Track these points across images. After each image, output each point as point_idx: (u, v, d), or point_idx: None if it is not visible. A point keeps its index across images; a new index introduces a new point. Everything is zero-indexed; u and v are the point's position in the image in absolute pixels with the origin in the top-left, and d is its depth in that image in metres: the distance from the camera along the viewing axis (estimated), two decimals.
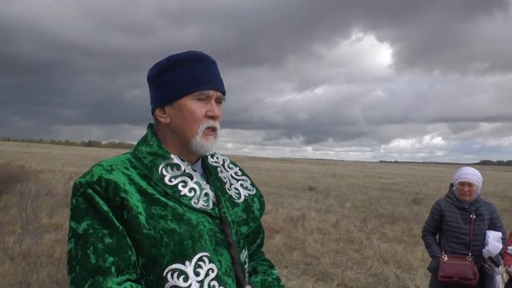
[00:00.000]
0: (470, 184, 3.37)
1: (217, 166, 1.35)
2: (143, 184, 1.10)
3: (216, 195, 1.22)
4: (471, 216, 3.37)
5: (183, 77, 1.17)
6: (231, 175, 1.37)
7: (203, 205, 1.14)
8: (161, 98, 1.20)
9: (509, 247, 3.26)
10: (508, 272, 3.17)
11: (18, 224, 6.77)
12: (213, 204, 1.18)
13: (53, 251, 5.76)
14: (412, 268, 6.23)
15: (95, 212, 1.03)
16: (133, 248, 1.05)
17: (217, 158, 1.39)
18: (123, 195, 1.05)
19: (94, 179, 1.06)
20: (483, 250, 3.27)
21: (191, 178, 1.17)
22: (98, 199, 1.04)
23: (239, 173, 1.42)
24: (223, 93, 1.24)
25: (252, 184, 1.41)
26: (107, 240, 1.02)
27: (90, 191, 1.04)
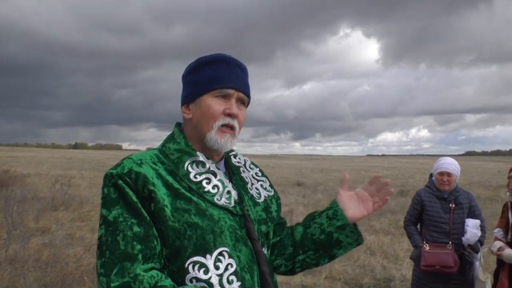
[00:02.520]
0: (449, 174, 3.46)
1: (240, 166, 1.40)
2: (170, 179, 1.15)
3: (239, 194, 1.26)
4: (451, 205, 3.46)
5: (206, 75, 1.24)
6: (252, 175, 1.41)
7: (225, 202, 1.19)
8: (186, 96, 1.28)
9: (495, 231, 3.36)
10: (492, 252, 3.25)
11: (4, 229, 6.70)
12: (235, 202, 1.22)
13: (40, 255, 5.73)
14: (398, 258, 6.35)
15: (125, 202, 1.09)
16: (158, 239, 1.09)
17: (239, 158, 1.44)
18: (151, 187, 1.10)
19: (125, 171, 1.12)
20: (463, 238, 3.37)
21: (215, 175, 1.22)
22: (128, 189, 1.09)
23: (259, 174, 1.46)
24: (247, 96, 1.29)
25: (271, 186, 1.45)
26: (136, 228, 1.06)
27: (120, 182, 1.10)
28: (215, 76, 1.23)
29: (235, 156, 1.44)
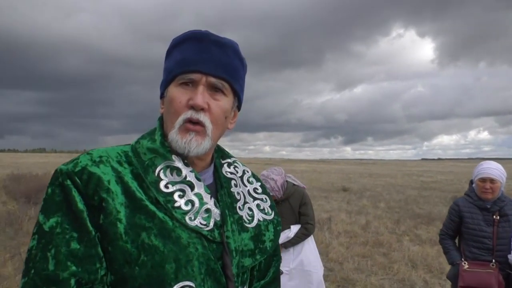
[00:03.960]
0: (492, 180, 2.98)
1: (232, 179, 1.12)
2: (133, 185, 0.91)
3: (222, 214, 1.00)
4: (494, 217, 2.98)
5: (173, 60, 1.00)
6: (248, 191, 1.13)
7: (200, 224, 0.93)
8: (160, 87, 1.06)
9: None
10: None
11: None
12: (215, 224, 0.97)
13: None
14: (443, 272, 5.76)
15: (68, 209, 0.86)
16: (103, 260, 0.86)
17: (235, 168, 1.16)
18: (104, 195, 0.87)
19: (77, 169, 0.89)
20: (509, 256, 2.88)
21: (192, 187, 0.96)
22: (75, 193, 0.87)
23: (259, 190, 1.17)
24: (224, 79, 0.98)
25: (272, 207, 1.16)
26: (74, 245, 0.84)
27: (68, 182, 0.87)
28: (179, 59, 0.98)
29: (229, 165, 1.15)
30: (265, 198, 1.16)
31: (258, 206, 1.12)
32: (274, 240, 1.10)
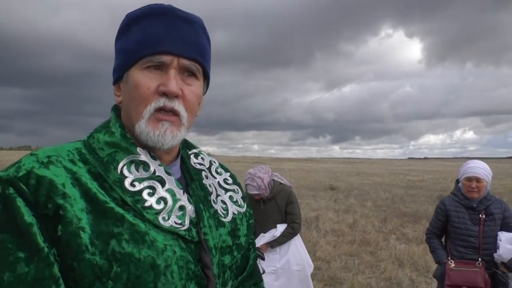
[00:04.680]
0: (478, 179, 2.99)
1: (202, 170, 1.01)
2: (93, 186, 0.78)
3: (196, 210, 0.89)
4: (480, 216, 3.00)
5: (133, 39, 0.86)
6: (218, 182, 1.04)
7: (176, 223, 0.83)
8: (114, 71, 0.92)
9: None
10: None
11: None
12: (191, 222, 0.86)
13: None
14: (429, 271, 5.79)
15: (12, 223, 0.70)
16: (61, 282, 0.71)
17: (202, 159, 1.05)
18: (60, 201, 0.73)
19: (20, 173, 0.74)
20: (495, 255, 2.89)
21: (163, 183, 0.85)
22: (20, 203, 0.71)
23: (229, 180, 1.08)
24: (198, 62, 0.89)
25: (243, 198, 1.08)
26: (21, 268, 0.68)
27: (11, 191, 0.72)
28: (143, 37, 0.85)
29: (196, 155, 1.05)
30: (237, 189, 1.07)
31: (231, 198, 1.03)
32: (248, 234, 1.02)
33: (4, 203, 0.72)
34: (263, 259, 3.40)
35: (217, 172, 1.07)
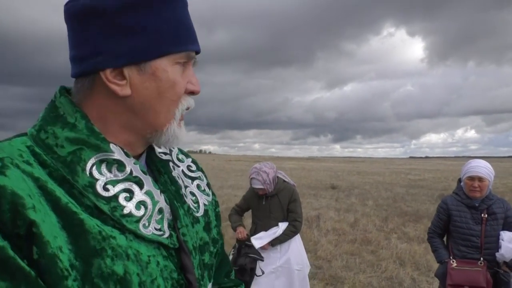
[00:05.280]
0: (480, 179, 2.98)
1: (169, 160, 0.90)
2: (61, 194, 0.64)
3: (171, 208, 0.80)
4: (483, 215, 2.98)
5: (166, 21, 0.72)
6: (182, 171, 0.93)
7: (155, 229, 0.73)
8: (125, 53, 0.70)
9: None
10: None
11: None
12: (169, 225, 0.77)
13: None
14: (431, 270, 5.78)
15: None
16: None
17: (164, 147, 0.92)
18: (32, 216, 0.58)
19: None
20: (497, 254, 2.88)
21: (141, 185, 0.74)
22: None
23: (193, 167, 0.97)
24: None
25: (208, 185, 0.98)
26: None
27: None
28: (178, 25, 0.74)
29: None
30: (201, 176, 0.98)
31: (198, 187, 0.94)
32: (218, 225, 0.95)
33: None
34: (262, 260, 3.40)
35: (178, 159, 0.95)
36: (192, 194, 0.90)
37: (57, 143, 0.69)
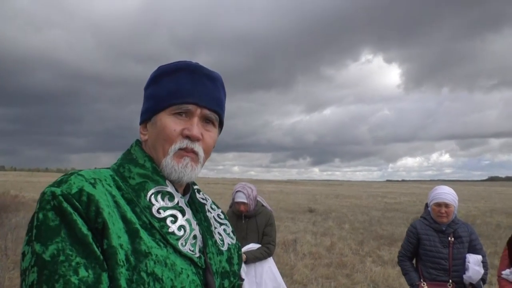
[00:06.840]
0: (447, 205, 3.12)
1: (205, 204, 1.16)
2: (127, 210, 0.90)
3: (203, 238, 1.03)
4: (450, 238, 3.11)
5: (164, 88, 1.02)
6: (213, 217, 1.17)
7: (190, 250, 0.95)
8: (142, 113, 1.07)
9: (503, 272, 2.99)
10: None
11: None
12: (199, 250, 0.99)
13: None
14: None
15: (70, 233, 0.80)
16: None
17: (203, 194, 1.20)
18: (107, 218, 0.84)
19: (73, 190, 0.84)
20: (464, 276, 3.00)
21: (183, 213, 0.98)
22: (76, 216, 0.81)
23: (222, 216, 1.22)
24: (216, 113, 1.06)
25: (233, 232, 1.22)
26: (82, 272, 0.78)
27: (66, 205, 0.81)
28: (174, 89, 1.01)
29: (198, 191, 1.19)
30: (228, 224, 1.21)
31: (225, 230, 1.16)
32: (239, 263, 1.15)
33: (60, 215, 0.81)
34: (242, 280, 3.44)
35: (212, 208, 1.19)
36: (219, 234, 1.12)
37: (130, 175, 0.98)
